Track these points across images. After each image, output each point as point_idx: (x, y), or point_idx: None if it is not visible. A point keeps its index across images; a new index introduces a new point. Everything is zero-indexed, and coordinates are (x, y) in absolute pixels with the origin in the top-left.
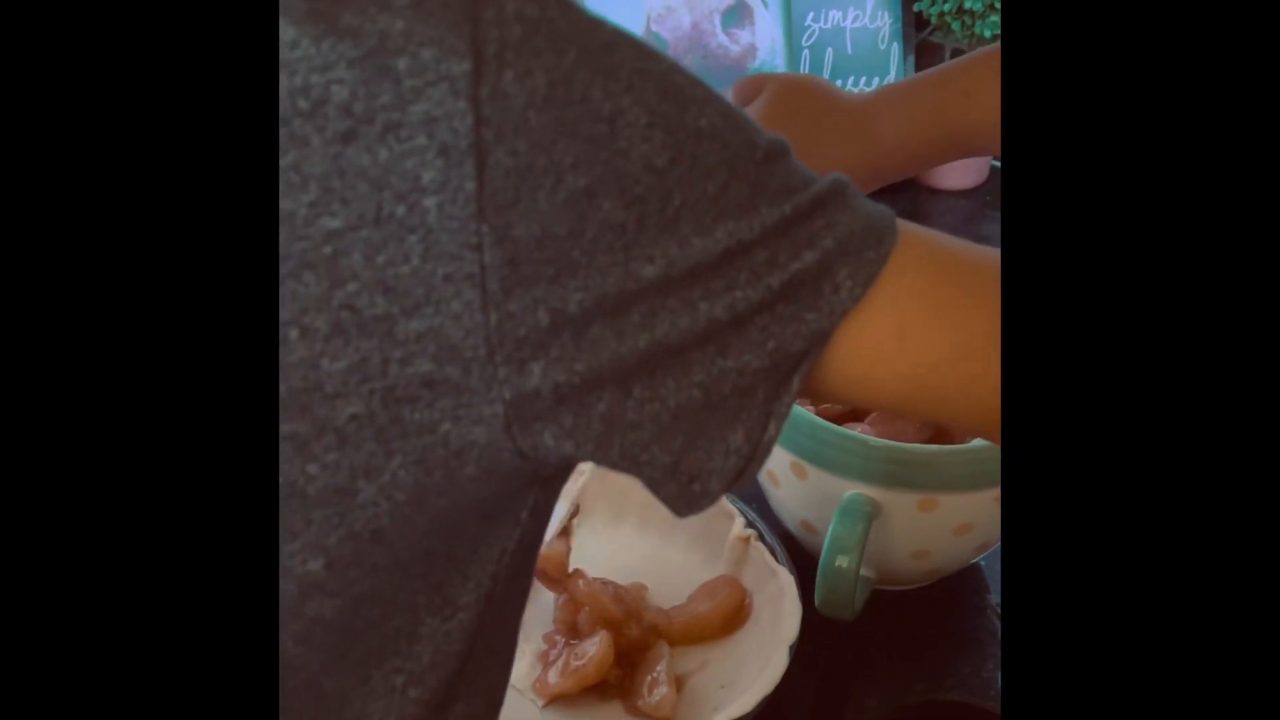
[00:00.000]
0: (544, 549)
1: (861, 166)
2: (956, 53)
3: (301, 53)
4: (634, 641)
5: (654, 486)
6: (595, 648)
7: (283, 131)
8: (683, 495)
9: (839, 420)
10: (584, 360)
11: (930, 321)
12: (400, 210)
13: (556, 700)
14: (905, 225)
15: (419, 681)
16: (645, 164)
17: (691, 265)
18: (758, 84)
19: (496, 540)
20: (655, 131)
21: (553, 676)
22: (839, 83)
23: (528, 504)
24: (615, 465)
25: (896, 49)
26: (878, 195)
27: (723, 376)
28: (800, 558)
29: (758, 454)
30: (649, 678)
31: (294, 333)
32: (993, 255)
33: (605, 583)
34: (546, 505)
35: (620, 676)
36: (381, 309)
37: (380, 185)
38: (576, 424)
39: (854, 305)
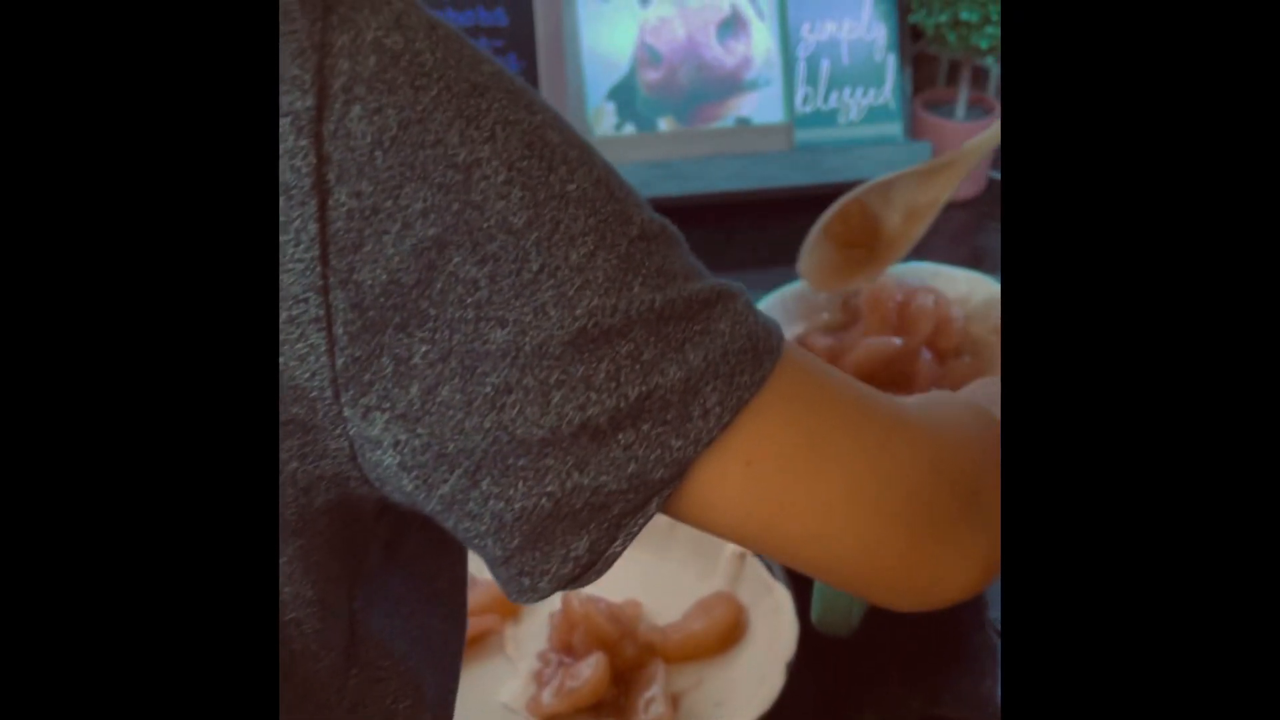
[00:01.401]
0: None
1: None
2: (953, 64)
3: None
4: (629, 660)
5: (486, 563)
6: (590, 670)
7: None
8: (510, 584)
9: None
10: (429, 426)
11: (787, 465)
12: None
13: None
14: (792, 352)
15: None
16: (500, 221)
17: (546, 339)
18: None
19: (349, 583)
20: (514, 188)
21: (547, 697)
22: (835, 94)
23: (379, 536)
24: (449, 529)
25: (892, 60)
26: None
27: (576, 492)
28: (797, 573)
29: (598, 565)
30: (645, 696)
31: None
32: (884, 403)
33: (599, 601)
34: (408, 541)
35: (616, 694)
36: None
37: None
38: (416, 492)
39: (720, 433)
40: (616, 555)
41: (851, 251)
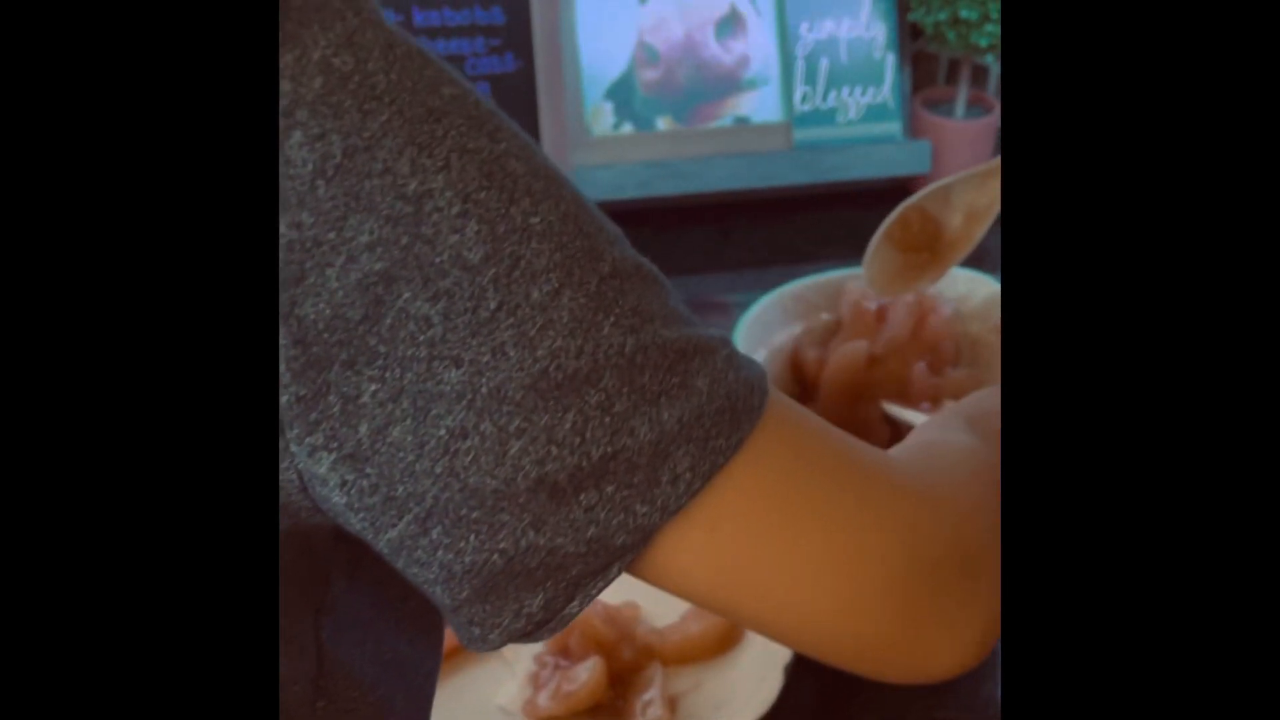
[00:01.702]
0: None
1: None
2: (952, 62)
3: None
4: (627, 663)
5: (439, 608)
6: (587, 673)
7: None
8: (460, 630)
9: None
10: (377, 467)
11: (756, 534)
12: None
13: None
14: (773, 409)
15: None
16: (454, 256)
17: (505, 381)
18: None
19: (309, 605)
20: (469, 221)
21: (543, 700)
22: (834, 93)
23: (339, 563)
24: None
25: (891, 59)
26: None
27: (531, 551)
28: None
29: (553, 624)
30: (643, 699)
31: None
32: (871, 464)
33: (597, 603)
34: (372, 565)
35: (613, 697)
36: None
37: None
38: (364, 532)
39: (689, 501)
40: (573, 615)
41: (914, 256)
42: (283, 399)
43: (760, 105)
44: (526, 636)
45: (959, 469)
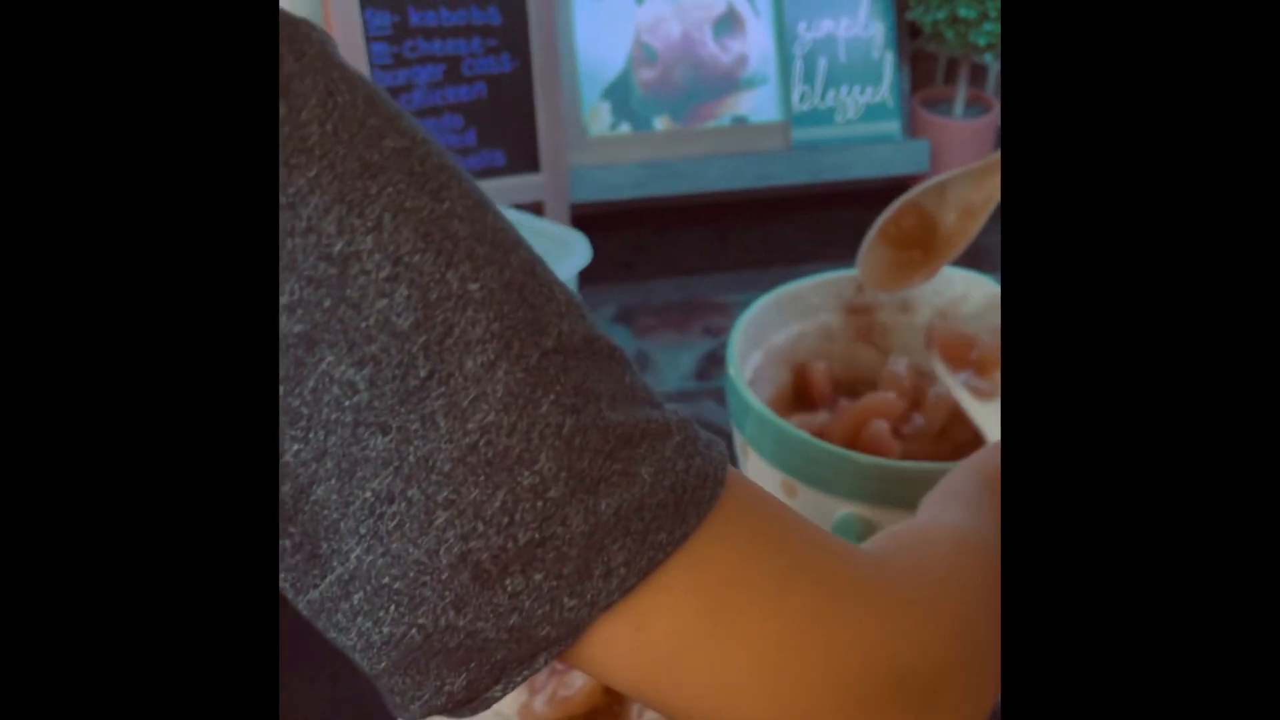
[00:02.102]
0: None
1: None
2: (951, 61)
3: None
4: None
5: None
6: (583, 679)
7: None
8: (385, 695)
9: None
10: (301, 525)
11: (685, 637)
12: None
13: None
14: (733, 497)
15: None
16: (381, 322)
17: (433, 451)
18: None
19: None
20: (399, 286)
21: (539, 704)
22: (832, 92)
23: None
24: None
25: (890, 58)
26: (880, 198)
27: (450, 631)
28: None
29: (475, 704)
30: (638, 703)
31: None
32: (834, 570)
33: None
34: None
35: (609, 702)
36: None
37: None
38: (286, 590)
39: (621, 599)
40: (497, 698)
41: (908, 252)
42: None
43: (758, 105)
44: (449, 712)
45: (943, 564)
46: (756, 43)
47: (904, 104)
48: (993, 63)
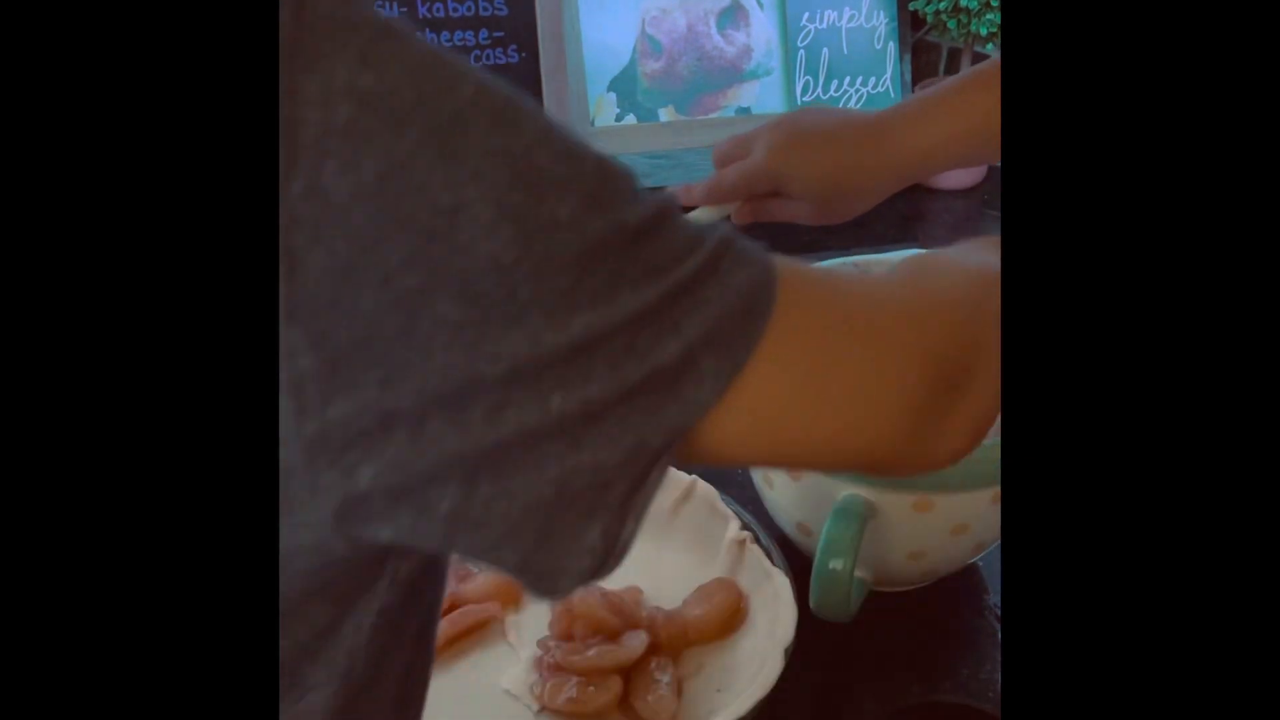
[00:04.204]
0: None
1: (881, 170)
2: (953, 52)
3: None
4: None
5: (506, 573)
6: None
7: None
8: (532, 587)
9: None
10: (422, 459)
11: (786, 408)
12: None
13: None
14: (787, 280)
15: None
16: (490, 261)
17: (541, 358)
18: (744, 142)
19: (349, 618)
20: (503, 225)
21: (549, 695)
22: (835, 83)
23: (386, 576)
24: (462, 556)
25: (893, 48)
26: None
27: (576, 473)
28: (796, 560)
29: (615, 551)
30: (647, 682)
31: None
32: (877, 305)
33: (598, 588)
34: (414, 573)
35: (618, 681)
36: None
37: None
38: (416, 523)
39: (717, 400)
40: (631, 537)
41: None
42: (308, 428)
43: (762, 95)
44: (595, 574)
45: (952, 268)
46: (760, 34)
47: (906, 95)
48: (995, 53)
